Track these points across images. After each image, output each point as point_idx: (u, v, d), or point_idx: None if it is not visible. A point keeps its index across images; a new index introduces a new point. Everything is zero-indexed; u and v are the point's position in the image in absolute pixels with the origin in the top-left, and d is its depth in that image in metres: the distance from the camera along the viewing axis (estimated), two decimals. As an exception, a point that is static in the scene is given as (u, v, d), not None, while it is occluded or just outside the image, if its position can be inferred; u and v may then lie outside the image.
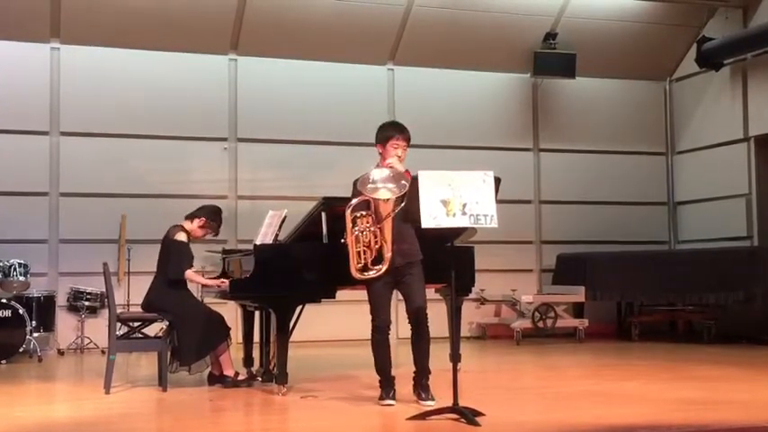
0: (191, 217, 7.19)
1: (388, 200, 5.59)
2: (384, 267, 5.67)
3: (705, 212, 12.23)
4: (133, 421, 5.69)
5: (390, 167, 5.71)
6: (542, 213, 12.31)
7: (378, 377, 5.98)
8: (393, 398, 5.90)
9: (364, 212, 5.67)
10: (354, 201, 5.69)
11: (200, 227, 7.16)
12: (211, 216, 7.21)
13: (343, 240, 5.73)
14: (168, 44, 10.75)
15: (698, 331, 10.98)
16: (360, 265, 5.68)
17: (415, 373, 5.93)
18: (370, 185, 5.55)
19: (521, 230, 11.89)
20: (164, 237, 7.11)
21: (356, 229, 5.65)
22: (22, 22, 10.19)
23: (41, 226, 10.34)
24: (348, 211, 5.67)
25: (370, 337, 5.92)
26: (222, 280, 7.07)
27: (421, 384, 5.89)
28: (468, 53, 11.73)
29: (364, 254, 5.68)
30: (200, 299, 7.58)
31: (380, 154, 5.97)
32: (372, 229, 5.66)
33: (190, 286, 7.11)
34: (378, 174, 5.62)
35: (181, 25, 10.64)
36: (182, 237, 7.01)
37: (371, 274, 5.68)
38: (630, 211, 12.53)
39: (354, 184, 5.79)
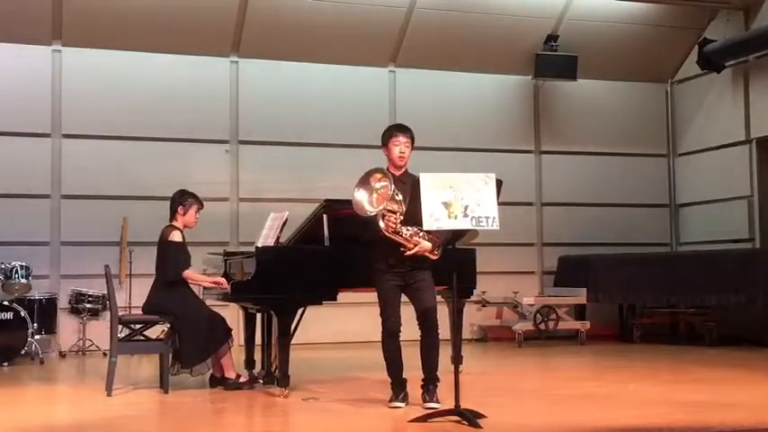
0: (173, 214, 7.10)
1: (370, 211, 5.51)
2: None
3: (707, 214, 12.22)
4: (135, 423, 5.69)
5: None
6: (544, 215, 12.31)
7: (389, 379, 5.95)
8: (403, 401, 5.87)
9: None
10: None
11: (184, 214, 7.09)
12: (184, 199, 7.10)
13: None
14: (170, 47, 10.76)
15: (699, 333, 10.96)
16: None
17: (423, 380, 5.88)
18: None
19: (522, 232, 11.89)
20: (159, 239, 7.09)
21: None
22: (24, 24, 10.20)
23: (43, 228, 10.35)
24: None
25: (380, 339, 5.88)
26: (222, 279, 7.06)
27: (428, 389, 5.84)
28: (470, 55, 11.73)
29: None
30: (201, 299, 7.55)
31: (386, 156, 5.98)
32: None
33: (191, 285, 7.10)
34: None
35: (182, 28, 10.65)
36: (176, 237, 6.98)
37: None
38: (632, 213, 12.53)
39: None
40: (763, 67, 11.34)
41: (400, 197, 5.61)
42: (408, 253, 5.63)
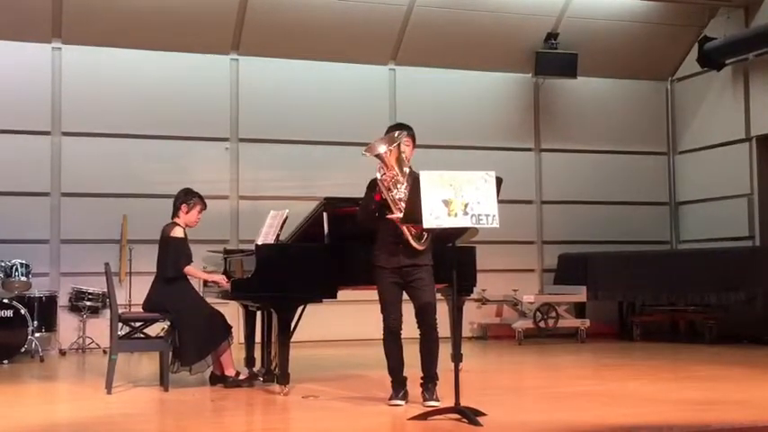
0: (175, 212, 7.13)
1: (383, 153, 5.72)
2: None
3: (707, 212, 12.22)
4: (134, 421, 5.69)
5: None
6: (544, 213, 12.31)
7: (390, 377, 5.95)
8: (402, 398, 5.88)
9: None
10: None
11: (188, 212, 7.11)
12: (189, 198, 7.13)
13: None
14: (170, 44, 10.76)
15: (699, 331, 10.98)
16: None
17: (422, 378, 5.87)
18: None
19: (522, 230, 11.89)
20: (160, 236, 7.11)
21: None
22: (24, 22, 10.20)
23: (43, 226, 10.34)
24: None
25: (381, 337, 5.89)
26: (222, 277, 7.06)
27: (427, 387, 5.84)
28: (470, 53, 11.73)
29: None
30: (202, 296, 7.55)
31: None
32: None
33: (192, 282, 7.10)
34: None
35: (182, 25, 10.65)
36: (178, 233, 6.99)
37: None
38: (632, 211, 12.53)
39: (368, 185, 5.86)
40: (764, 65, 11.33)
41: (408, 170, 5.75)
42: (390, 216, 5.66)
